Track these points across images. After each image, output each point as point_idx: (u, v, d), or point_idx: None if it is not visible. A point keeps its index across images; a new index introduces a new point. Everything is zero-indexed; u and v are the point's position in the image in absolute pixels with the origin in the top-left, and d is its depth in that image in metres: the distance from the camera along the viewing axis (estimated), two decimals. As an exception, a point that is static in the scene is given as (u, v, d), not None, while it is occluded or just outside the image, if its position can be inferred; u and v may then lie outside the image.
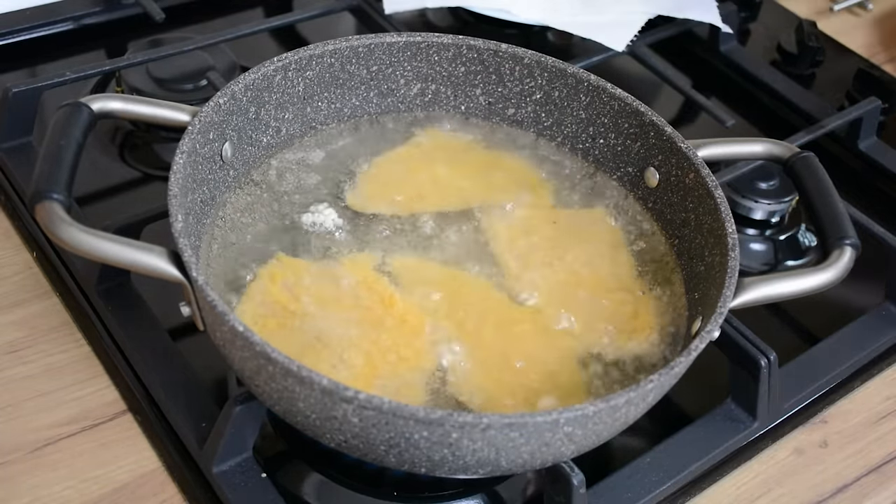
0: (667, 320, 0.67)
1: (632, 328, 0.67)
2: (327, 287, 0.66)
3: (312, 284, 0.66)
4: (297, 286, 0.65)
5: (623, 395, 0.55)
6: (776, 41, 1.07)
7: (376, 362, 0.62)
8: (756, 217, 0.86)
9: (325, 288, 0.66)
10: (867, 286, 0.80)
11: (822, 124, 0.93)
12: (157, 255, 0.57)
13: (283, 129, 0.73)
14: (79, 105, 0.64)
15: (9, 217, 0.78)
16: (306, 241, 0.69)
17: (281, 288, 0.65)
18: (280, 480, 0.64)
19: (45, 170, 0.59)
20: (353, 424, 0.54)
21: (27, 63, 0.93)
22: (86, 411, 0.67)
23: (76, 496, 0.63)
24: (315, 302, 0.64)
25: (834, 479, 0.71)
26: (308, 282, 0.66)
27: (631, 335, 0.67)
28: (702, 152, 0.70)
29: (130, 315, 0.71)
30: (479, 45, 0.75)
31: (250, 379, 0.58)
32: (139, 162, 0.85)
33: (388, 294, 0.66)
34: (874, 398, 0.76)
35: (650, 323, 0.67)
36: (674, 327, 0.67)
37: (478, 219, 0.73)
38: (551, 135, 0.77)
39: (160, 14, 0.92)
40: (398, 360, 0.63)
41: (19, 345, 0.70)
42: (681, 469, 0.68)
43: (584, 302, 0.68)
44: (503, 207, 0.73)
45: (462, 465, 0.56)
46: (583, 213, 0.74)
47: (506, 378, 0.63)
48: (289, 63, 0.71)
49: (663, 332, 0.67)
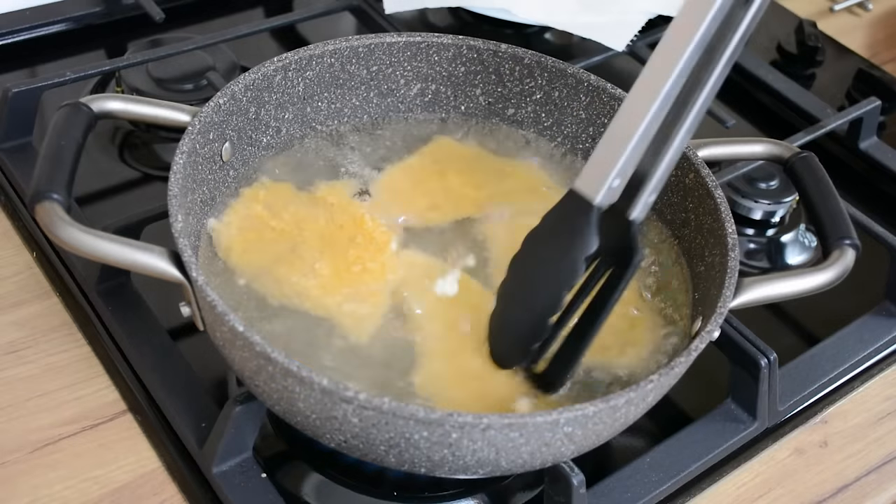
0: (660, 342, 0.66)
1: (623, 342, 0.66)
2: (306, 208, 0.70)
3: (292, 205, 0.70)
4: (277, 205, 0.69)
5: (623, 395, 0.55)
6: (776, 41, 1.07)
7: (342, 273, 0.67)
8: (756, 217, 0.86)
9: (304, 209, 0.70)
10: (867, 286, 0.80)
11: (822, 124, 0.93)
12: (157, 255, 0.57)
13: (283, 130, 0.73)
14: (79, 105, 0.64)
15: (9, 217, 0.78)
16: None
17: (263, 207, 0.69)
18: (280, 480, 0.64)
19: (45, 170, 0.59)
20: (353, 424, 0.54)
21: (27, 63, 0.93)
22: (86, 411, 0.67)
23: (76, 496, 0.63)
24: (293, 220, 0.69)
25: (834, 479, 0.71)
26: (288, 203, 0.70)
27: (621, 351, 0.66)
28: (702, 152, 0.70)
29: (130, 315, 0.71)
30: (479, 45, 0.75)
31: (250, 379, 0.58)
32: (139, 162, 0.85)
33: (358, 214, 0.70)
34: (874, 398, 0.76)
35: (643, 340, 0.66)
36: (665, 356, 0.65)
37: (482, 224, 0.72)
38: (551, 135, 0.77)
39: (160, 14, 0.92)
40: (363, 271, 0.67)
41: (19, 345, 0.70)
42: (681, 469, 0.68)
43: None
44: (504, 214, 0.73)
45: (462, 465, 0.56)
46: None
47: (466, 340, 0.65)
48: (289, 63, 0.71)
49: (655, 351, 0.66)
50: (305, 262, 0.67)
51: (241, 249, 0.66)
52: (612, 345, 0.65)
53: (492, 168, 0.76)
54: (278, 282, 0.65)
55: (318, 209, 0.70)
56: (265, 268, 0.66)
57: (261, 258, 0.66)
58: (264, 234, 0.68)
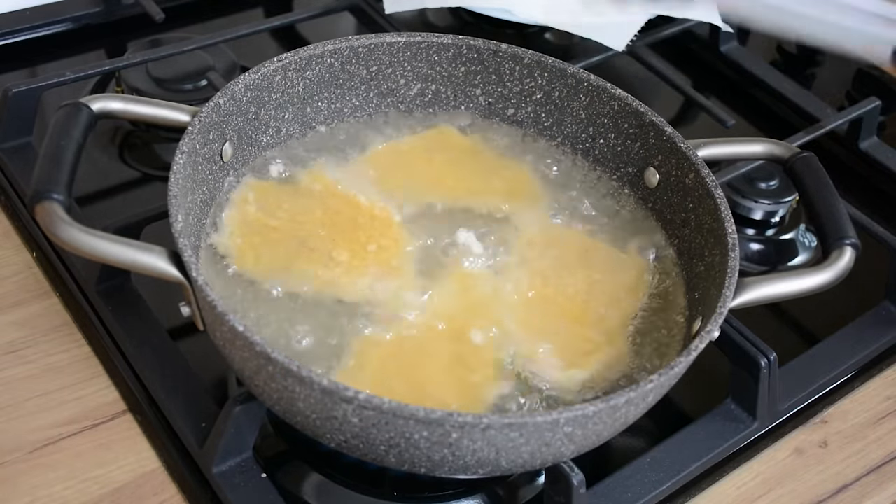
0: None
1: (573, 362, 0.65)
2: (296, 200, 0.70)
3: (283, 201, 0.70)
4: (270, 204, 0.70)
5: (623, 395, 0.55)
6: (776, 41, 1.07)
7: (361, 255, 0.68)
8: (756, 217, 0.86)
9: (295, 201, 0.70)
10: (867, 286, 0.80)
11: (822, 124, 0.93)
12: (157, 255, 0.57)
13: (283, 130, 0.73)
14: (79, 105, 0.64)
15: (9, 217, 0.78)
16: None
17: (256, 209, 0.69)
18: (280, 480, 0.64)
19: (45, 170, 0.59)
20: (353, 424, 0.54)
21: (27, 63, 0.93)
22: (86, 411, 0.67)
23: (76, 496, 0.63)
24: (289, 215, 0.69)
25: (834, 479, 0.71)
26: (278, 199, 0.70)
27: (571, 365, 0.65)
28: (702, 152, 0.70)
29: (130, 315, 0.71)
30: (479, 45, 0.75)
31: (250, 379, 0.58)
32: (139, 162, 0.85)
33: (350, 195, 0.71)
34: (874, 398, 0.76)
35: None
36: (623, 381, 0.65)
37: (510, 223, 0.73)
38: (551, 135, 0.77)
39: (160, 14, 0.92)
40: (379, 249, 0.68)
41: (19, 345, 0.70)
42: (681, 469, 0.68)
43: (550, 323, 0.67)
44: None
45: (462, 465, 0.56)
46: (620, 257, 0.71)
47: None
48: (289, 63, 0.71)
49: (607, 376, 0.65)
50: (321, 252, 0.67)
51: (254, 256, 0.66)
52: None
53: (483, 164, 0.76)
54: (304, 278, 0.66)
55: (309, 199, 0.70)
56: (285, 268, 0.66)
57: (276, 260, 0.66)
58: (269, 236, 0.68)
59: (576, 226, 0.73)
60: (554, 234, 0.72)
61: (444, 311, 0.66)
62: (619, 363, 0.65)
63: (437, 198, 0.73)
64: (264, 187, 0.71)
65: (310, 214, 0.69)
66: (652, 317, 0.68)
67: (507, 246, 0.71)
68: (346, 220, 0.70)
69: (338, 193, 0.71)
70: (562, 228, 0.73)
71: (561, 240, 0.72)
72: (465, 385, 0.62)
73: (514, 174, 0.76)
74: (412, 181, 0.74)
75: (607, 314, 0.67)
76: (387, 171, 0.74)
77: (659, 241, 0.72)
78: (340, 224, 0.69)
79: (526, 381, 0.63)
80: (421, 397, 0.60)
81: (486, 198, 0.74)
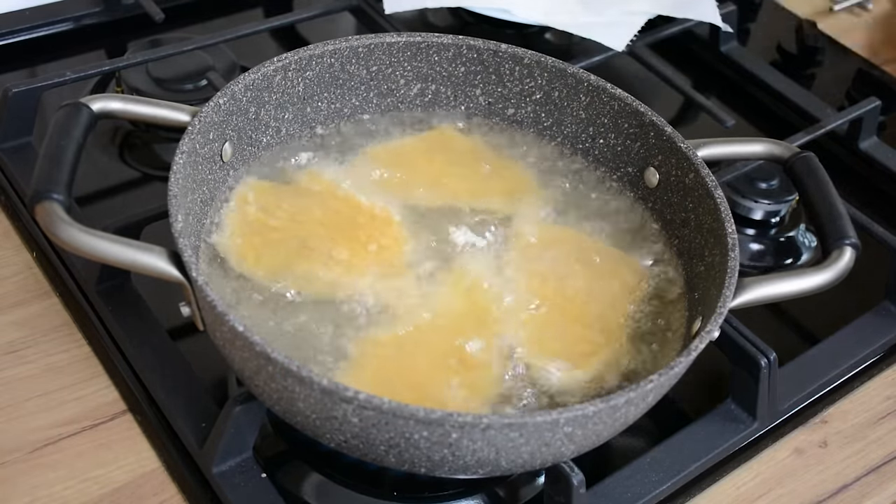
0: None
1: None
2: (295, 200, 0.70)
3: (282, 200, 0.70)
4: (269, 204, 0.70)
5: (623, 395, 0.55)
6: (776, 41, 1.07)
7: (361, 255, 0.68)
8: (756, 217, 0.86)
9: (294, 201, 0.70)
10: (867, 286, 0.80)
11: (822, 124, 0.93)
12: (157, 255, 0.57)
13: (283, 130, 0.73)
14: (79, 105, 0.64)
15: (9, 217, 0.78)
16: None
17: (256, 209, 0.69)
18: (280, 480, 0.64)
19: (45, 170, 0.59)
20: (353, 424, 0.54)
21: (27, 63, 0.93)
22: (86, 411, 0.67)
23: (76, 496, 0.63)
24: (289, 215, 0.69)
25: (834, 479, 0.71)
26: (278, 199, 0.70)
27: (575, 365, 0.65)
28: (702, 152, 0.70)
29: (130, 315, 0.71)
30: (479, 45, 0.75)
31: (250, 379, 0.58)
32: (139, 162, 0.85)
33: (350, 196, 0.71)
34: (874, 398, 0.76)
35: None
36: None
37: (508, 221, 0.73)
38: (551, 135, 0.77)
39: (160, 14, 0.92)
40: (380, 248, 0.68)
41: (19, 345, 0.70)
42: (681, 469, 0.68)
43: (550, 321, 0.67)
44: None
45: (462, 465, 0.56)
46: (620, 257, 0.71)
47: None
48: (289, 63, 0.71)
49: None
50: (321, 252, 0.67)
51: (254, 257, 0.66)
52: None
53: (483, 164, 0.76)
54: (305, 278, 0.66)
55: (308, 199, 0.70)
56: (285, 268, 0.66)
57: (277, 260, 0.67)
58: (269, 236, 0.68)
59: (575, 226, 0.73)
60: (554, 234, 0.72)
61: (444, 311, 0.66)
62: (618, 363, 0.65)
63: (437, 198, 0.73)
64: (264, 187, 0.71)
65: (310, 214, 0.70)
66: (652, 317, 0.68)
67: (506, 246, 0.71)
68: (347, 219, 0.70)
69: (338, 193, 0.71)
70: (561, 229, 0.73)
71: (560, 240, 0.72)
72: (465, 385, 0.62)
73: (513, 174, 0.76)
74: (412, 181, 0.74)
75: (607, 314, 0.67)
76: (387, 171, 0.74)
77: (659, 242, 0.72)
78: (340, 224, 0.69)
79: (526, 381, 0.63)
80: (421, 397, 0.60)
81: (485, 198, 0.74)
